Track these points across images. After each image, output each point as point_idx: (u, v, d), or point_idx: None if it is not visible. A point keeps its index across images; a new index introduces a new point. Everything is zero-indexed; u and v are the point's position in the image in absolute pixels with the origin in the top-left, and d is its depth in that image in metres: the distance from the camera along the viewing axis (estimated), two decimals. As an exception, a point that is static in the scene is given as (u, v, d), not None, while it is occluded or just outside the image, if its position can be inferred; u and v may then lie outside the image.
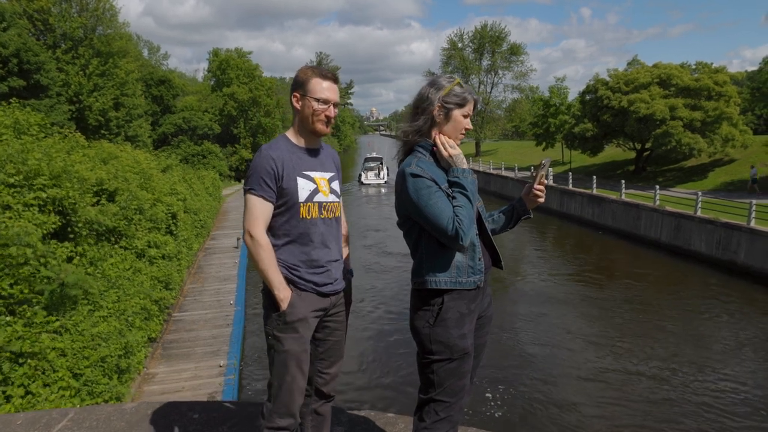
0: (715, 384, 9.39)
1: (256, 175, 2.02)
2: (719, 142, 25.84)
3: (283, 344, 2.02)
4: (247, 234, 2.01)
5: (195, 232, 17.46)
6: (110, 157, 14.41)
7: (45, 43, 24.72)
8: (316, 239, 2.11)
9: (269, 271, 2.01)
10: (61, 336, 6.86)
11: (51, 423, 2.94)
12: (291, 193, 2.06)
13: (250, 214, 2.02)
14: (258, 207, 2.02)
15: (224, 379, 8.72)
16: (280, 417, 2.04)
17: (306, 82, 2.08)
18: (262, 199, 2.02)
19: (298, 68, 2.14)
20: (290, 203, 2.06)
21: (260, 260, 2.00)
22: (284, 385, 2.03)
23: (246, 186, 2.05)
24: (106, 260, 9.58)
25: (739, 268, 15.82)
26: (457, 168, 1.92)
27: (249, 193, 2.03)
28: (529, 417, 8.47)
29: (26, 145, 8.94)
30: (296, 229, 2.08)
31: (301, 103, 2.10)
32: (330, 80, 2.10)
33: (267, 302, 2.08)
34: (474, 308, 1.97)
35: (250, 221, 2.01)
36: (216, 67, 41.54)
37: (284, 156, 2.06)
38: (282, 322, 2.03)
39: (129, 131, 27.41)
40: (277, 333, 2.03)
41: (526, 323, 12.47)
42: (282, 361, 2.03)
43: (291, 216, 2.08)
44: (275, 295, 2.01)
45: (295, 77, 2.13)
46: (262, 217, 2.03)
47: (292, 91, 2.12)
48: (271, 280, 2.01)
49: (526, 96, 54.13)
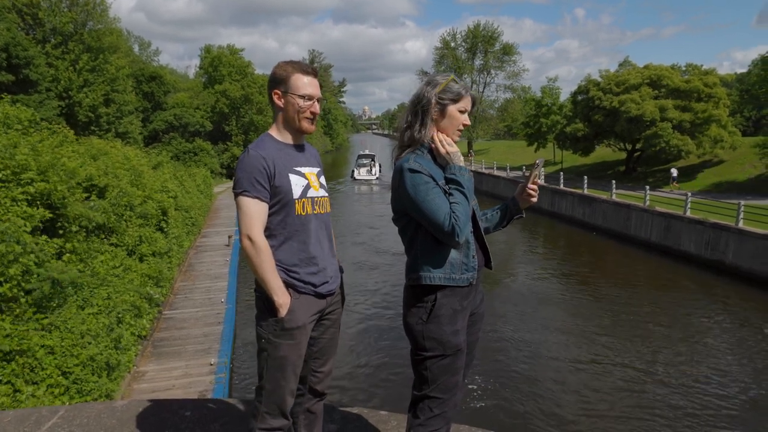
0: (700, 380, 9.50)
1: (247, 175, 1.93)
2: (708, 143, 26.15)
3: (279, 350, 1.98)
4: (245, 238, 1.93)
5: (186, 229, 17.36)
6: (100, 154, 14.28)
7: (34, 37, 24.42)
8: (312, 236, 2.07)
9: (269, 276, 1.94)
10: (50, 333, 6.79)
11: (41, 420, 2.91)
12: (285, 191, 2.00)
13: (246, 217, 1.93)
14: (253, 208, 1.94)
15: (215, 377, 8.70)
16: (273, 418, 2.01)
17: (287, 79, 2.02)
18: (257, 200, 1.94)
19: (281, 62, 2.06)
20: (284, 200, 2.00)
21: (260, 265, 1.93)
22: (278, 388, 2.00)
23: (237, 189, 1.95)
24: (96, 257, 9.50)
25: (728, 268, 16.00)
26: (455, 165, 1.93)
27: (242, 195, 1.93)
28: (517, 413, 8.51)
29: (13, 140, 8.83)
30: (292, 227, 2.03)
31: (284, 100, 2.04)
32: (311, 75, 2.05)
33: (262, 305, 2.01)
34: (467, 305, 1.98)
35: (248, 224, 1.93)
36: (208, 64, 41.31)
37: (273, 154, 2.00)
38: (279, 328, 1.97)
39: (119, 128, 27.16)
40: (273, 338, 1.97)
41: (515, 321, 12.54)
42: (276, 366, 1.98)
43: (287, 214, 2.02)
44: (274, 301, 1.95)
45: (273, 74, 2.05)
46: (258, 218, 1.95)
47: (272, 89, 2.05)
48: (272, 285, 1.94)
49: (518, 96, 54.34)
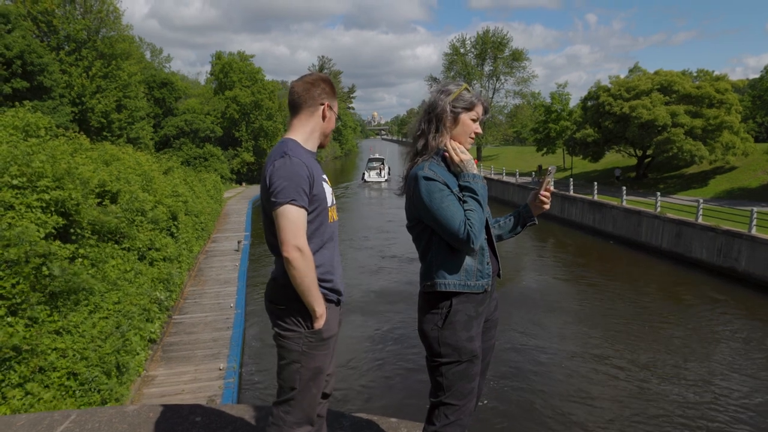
0: (712, 388, 9.36)
1: (294, 183, 1.86)
2: (720, 149, 25.89)
3: (315, 361, 1.97)
4: (293, 249, 1.85)
5: (196, 234, 17.46)
6: (112, 159, 14.44)
7: (49, 44, 24.79)
8: (336, 242, 2.11)
9: (313, 287, 1.91)
10: (62, 337, 6.85)
11: (53, 425, 2.93)
12: (321, 198, 1.99)
13: (294, 227, 1.86)
14: (301, 219, 1.88)
15: (224, 383, 8.70)
16: (299, 426, 2.01)
17: (335, 96, 2.08)
18: (303, 209, 1.89)
19: (325, 75, 2.11)
20: (320, 209, 1.99)
21: (308, 275, 1.88)
22: (310, 398, 2.00)
23: (284, 198, 1.85)
24: (107, 262, 9.58)
25: (740, 276, 15.80)
26: (468, 173, 1.95)
27: (291, 204, 1.85)
28: (529, 421, 8.43)
29: (32, 147, 8.97)
30: (326, 235, 2.03)
31: (328, 115, 2.08)
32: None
33: (292, 317, 1.96)
34: (481, 311, 1.99)
35: (296, 234, 1.86)
36: (218, 70, 41.66)
37: (309, 161, 1.98)
38: (317, 339, 1.96)
39: (131, 133, 27.45)
40: (308, 350, 1.96)
41: (525, 328, 12.44)
42: (310, 377, 1.98)
43: (321, 222, 2.01)
44: (315, 311, 1.93)
45: (331, 85, 2.09)
46: (304, 227, 1.91)
47: (323, 100, 2.06)
48: (316, 296, 1.91)
49: (527, 102, 54.20)
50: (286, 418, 2.00)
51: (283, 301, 1.97)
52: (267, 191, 1.91)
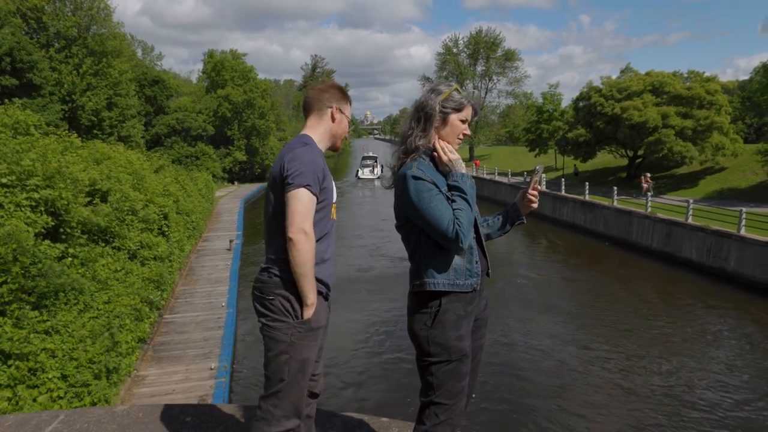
0: (699, 387, 9.45)
1: (311, 170, 1.94)
2: (710, 150, 26.15)
3: (302, 352, 2.00)
4: (299, 231, 1.90)
5: (187, 233, 17.37)
6: (103, 158, 14.34)
7: (38, 41, 24.57)
8: (333, 239, 2.16)
9: (311, 273, 1.95)
10: (51, 337, 6.79)
11: (41, 425, 2.91)
12: (328, 193, 2.07)
13: (304, 210, 1.92)
14: (311, 204, 1.95)
15: (215, 382, 8.66)
16: (288, 419, 2.02)
17: (346, 101, 2.17)
18: (315, 197, 1.97)
19: (336, 83, 2.22)
20: (326, 203, 2.06)
21: (309, 260, 1.93)
22: (297, 390, 2.02)
23: (300, 181, 1.92)
24: (97, 261, 9.50)
25: (729, 276, 15.95)
26: (457, 172, 1.95)
27: (305, 188, 1.92)
28: (515, 420, 8.47)
29: (21, 146, 8.88)
30: (325, 228, 2.09)
31: (338, 118, 2.16)
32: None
33: (282, 307, 1.98)
34: (471, 310, 1.99)
35: (305, 218, 1.92)
36: (211, 69, 41.48)
37: (323, 157, 2.10)
38: (306, 329, 1.99)
39: (122, 131, 27.28)
40: (296, 340, 1.98)
41: (516, 327, 12.50)
42: (298, 368, 2.00)
43: (324, 215, 2.07)
44: (308, 298, 1.96)
45: (339, 89, 2.18)
46: (312, 214, 1.96)
47: (333, 103, 2.15)
48: (310, 284, 1.95)
49: (520, 102, 54.45)
50: (274, 411, 2.01)
51: (272, 292, 1.99)
52: (280, 176, 1.96)
